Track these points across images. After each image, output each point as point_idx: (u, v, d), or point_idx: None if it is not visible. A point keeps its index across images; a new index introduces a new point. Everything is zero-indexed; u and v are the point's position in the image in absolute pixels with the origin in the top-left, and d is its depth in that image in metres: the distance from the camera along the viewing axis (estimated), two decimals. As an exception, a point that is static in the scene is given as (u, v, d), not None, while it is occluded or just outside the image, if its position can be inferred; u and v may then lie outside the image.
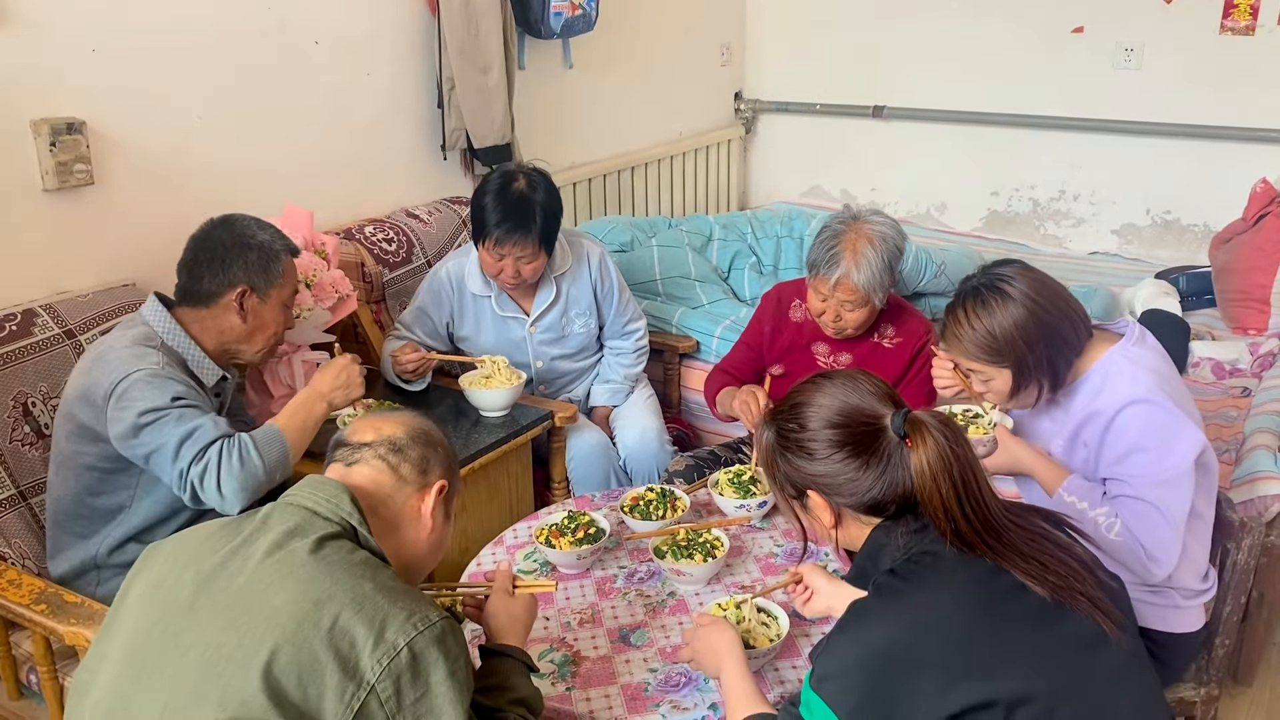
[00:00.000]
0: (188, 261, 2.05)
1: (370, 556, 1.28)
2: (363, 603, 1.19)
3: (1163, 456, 1.72)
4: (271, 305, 2.08)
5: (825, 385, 1.39)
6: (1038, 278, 1.80)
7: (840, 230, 2.26)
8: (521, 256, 2.51)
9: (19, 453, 2.12)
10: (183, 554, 1.30)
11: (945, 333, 1.85)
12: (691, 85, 4.58)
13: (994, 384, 1.83)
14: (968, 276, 1.86)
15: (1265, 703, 2.49)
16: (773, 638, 1.70)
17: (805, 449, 1.36)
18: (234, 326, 2.05)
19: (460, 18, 3.06)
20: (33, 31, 2.22)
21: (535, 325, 2.71)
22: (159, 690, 1.18)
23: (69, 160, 2.28)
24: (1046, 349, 1.76)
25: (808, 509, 1.40)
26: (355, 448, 1.40)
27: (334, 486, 1.33)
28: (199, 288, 2.03)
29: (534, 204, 2.48)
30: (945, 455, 1.28)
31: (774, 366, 2.48)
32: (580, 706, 1.63)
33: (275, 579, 1.21)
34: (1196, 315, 3.55)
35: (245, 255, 2.03)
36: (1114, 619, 1.25)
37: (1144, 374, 1.76)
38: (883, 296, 2.27)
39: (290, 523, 1.28)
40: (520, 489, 2.56)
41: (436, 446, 1.44)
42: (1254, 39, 3.85)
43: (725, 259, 3.61)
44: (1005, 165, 4.47)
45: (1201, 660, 1.98)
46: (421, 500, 1.41)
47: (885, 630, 1.24)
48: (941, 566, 1.28)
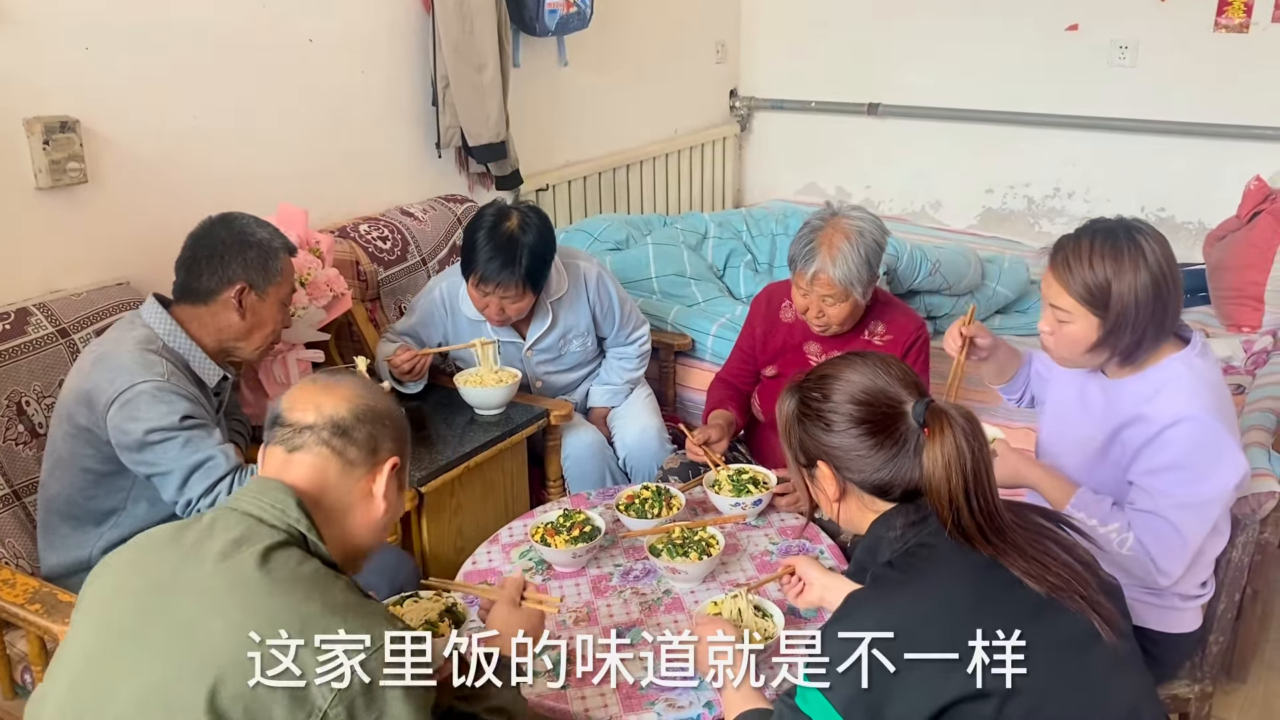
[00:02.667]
0: (186, 259, 2.04)
1: (320, 568, 1.22)
2: (309, 626, 1.14)
3: (1198, 480, 1.68)
4: (270, 303, 2.07)
5: (856, 362, 1.40)
6: (1169, 249, 1.70)
7: (818, 226, 2.27)
8: (506, 296, 2.48)
9: (12, 452, 2.12)
10: (130, 571, 1.26)
11: (1057, 258, 1.73)
12: (687, 83, 4.57)
13: (1071, 329, 1.72)
14: (1099, 218, 1.75)
15: (1259, 699, 2.49)
16: (767, 635, 1.70)
17: (824, 420, 1.37)
18: (232, 324, 2.04)
19: (455, 15, 3.06)
20: (26, 29, 2.22)
21: (532, 349, 2.70)
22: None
23: (62, 159, 2.28)
24: (1149, 323, 1.68)
25: (815, 479, 1.42)
26: (296, 430, 1.31)
27: (278, 491, 1.27)
28: (198, 285, 2.02)
29: (522, 245, 2.44)
30: (962, 448, 1.28)
31: (767, 368, 2.48)
32: (575, 705, 1.63)
33: (219, 598, 1.17)
34: (1191, 313, 3.55)
35: (244, 253, 2.02)
36: (1113, 624, 1.25)
37: (1203, 389, 1.70)
38: (863, 291, 2.27)
39: (236, 531, 1.22)
40: (516, 487, 2.56)
41: (384, 420, 1.35)
42: (1248, 36, 3.86)
43: (720, 257, 3.61)
44: (1000, 163, 4.47)
45: (1196, 657, 1.98)
46: (372, 481, 1.33)
47: (880, 621, 1.24)
48: (938, 559, 1.29)
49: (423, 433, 2.39)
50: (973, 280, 3.43)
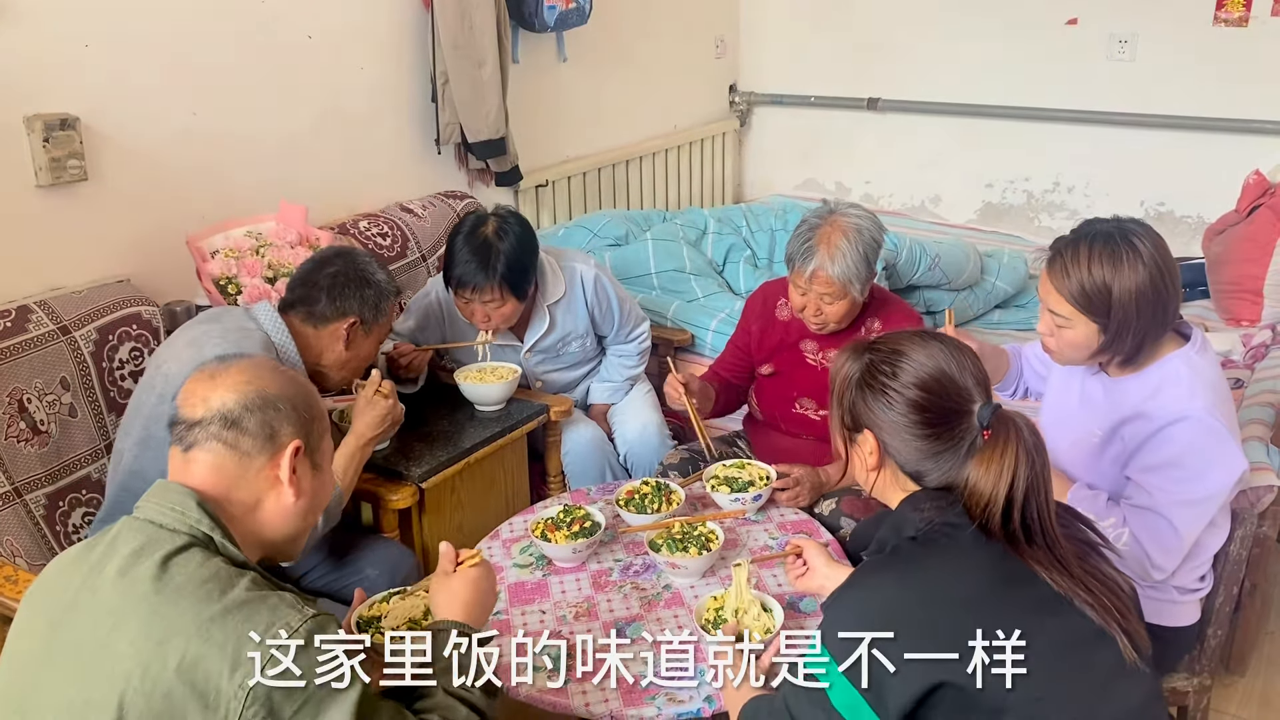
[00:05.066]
0: (309, 282, 2.12)
1: (222, 567, 1.18)
2: (210, 628, 1.11)
3: (1196, 479, 1.69)
4: (372, 340, 2.18)
5: (932, 345, 1.35)
6: (1164, 245, 1.68)
7: (816, 224, 2.27)
8: (488, 302, 2.46)
9: (14, 449, 2.12)
10: (43, 593, 1.24)
11: (1054, 266, 1.71)
12: (686, 78, 4.57)
13: (1069, 334, 1.71)
14: (1093, 219, 1.73)
15: (1258, 692, 2.50)
16: (767, 629, 1.71)
17: (887, 395, 1.33)
18: (336, 352, 2.12)
19: (453, 11, 3.06)
20: (26, 26, 2.22)
21: (531, 351, 2.70)
22: None
23: (62, 156, 2.28)
24: (1149, 323, 1.67)
25: (856, 443, 1.39)
26: (188, 426, 1.26)
27: (178, 493, 1.23)
28: (315, 309, 2.10)
29: (497, 251, 2.41)
30: (1025, 460, 1.25)
31: (763, 366, 2.48)
32: (576, 699, 1.64)
33: (120, 615, 1.14)
34: (1190, 307, 3.56)
35: (363, 290, 2.13)
36: (1140, 652, 1.23)
37: (1202, 388, 1.70)
38: (861, 288, 2.27)
39: (136, 541, 1.19)
40: (516, 483, 2.57)
41: (277, 404, 1.28)
42: (1247, 30, 3.86)
43: (720, 252, 3.61)
44: (999, 157, 4.48)
45: (1194, 651, 1.99)
46: (275, 468, 1.28)
47: (892, 590, 1.25)
48: (961, 540, 1.27)
49: (423, 429, 2.39)
50: (972, 275, 3.44)
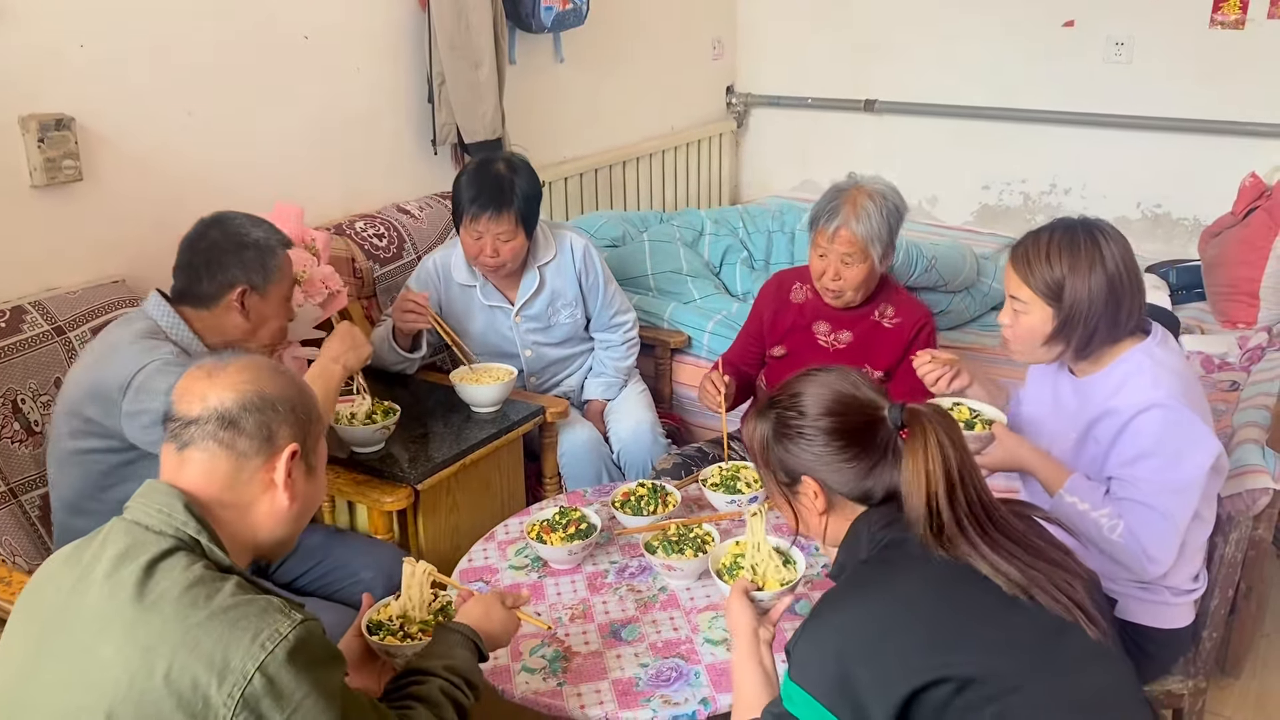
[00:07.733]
0: (184, 264, 2.02)
1: (205, 572, 1.16)
2: (197, 637, 1.10)
3: (1174, 464, 1.71)
4: (272, 300, 2.06)
5: (819, 375, 1.42)
6: (1129, 250, 1.77)
7: (843, 187, 2.38)
8: (500, 234, 2.52)
9: (9, 450, 2.12)
10: (32, 598, 1.23)
11: (1017, 252, 1.82)
12: (683, 79, 4.57)
13: (1028, 319, 1.80)
14: (1064, 216, 1.83)
15: (1253, 694, 2.50)
16: (784, 581, 1.70)
17: (804, 435, 1.38)
18: (237, 325, 2.03)
19: (450, 12, 3.06)
20: (21, 26, 2.21)
21: (520, 314, 2.72)
22: None
23: (57, 156, 2.27)
24: (1101, 319, 1.74)
25: (799, 496, 1.41)
26: (183, 423, 1.24)
27: (165, 495, 1.21)
28: (198, 290, 2.01)
29: (511, 181, 2.51)
30: (945, 447, 1.29)
31: (775, 348, 2.53)
32: (571, 701, 1.64)
33: (106, 621, 1.13)
34: (1186, 309, 3.56)
35: (242, 254, 2.00)
36: (1096, 622, 1.25)
37: (1166, 376, 1.74)
38: (881, 253, 2.32)
39: (122, 544, 1.18)
40: (512, 484, 2.56)
41: (276, 406, 1.26)
42: (1243, 33, 3.86)
43: (717, 253, 3.61)
44: (996, 159, 4.48)
45: (1189, 653, 1.99)
46: (270, 471, 1.26)
47: (853, 615, 1.27)
48: (911, 553, 1.29)
49: (419, 430, 2.39)
50: (969, 277, 3.44)
